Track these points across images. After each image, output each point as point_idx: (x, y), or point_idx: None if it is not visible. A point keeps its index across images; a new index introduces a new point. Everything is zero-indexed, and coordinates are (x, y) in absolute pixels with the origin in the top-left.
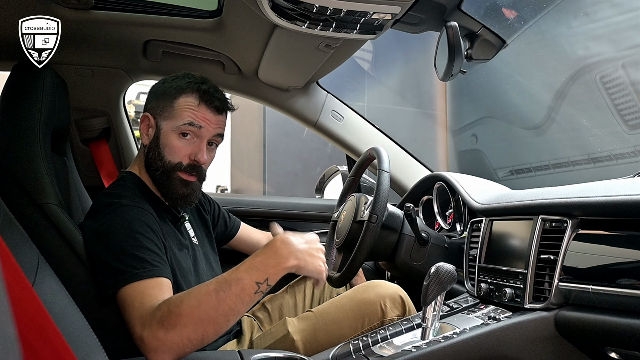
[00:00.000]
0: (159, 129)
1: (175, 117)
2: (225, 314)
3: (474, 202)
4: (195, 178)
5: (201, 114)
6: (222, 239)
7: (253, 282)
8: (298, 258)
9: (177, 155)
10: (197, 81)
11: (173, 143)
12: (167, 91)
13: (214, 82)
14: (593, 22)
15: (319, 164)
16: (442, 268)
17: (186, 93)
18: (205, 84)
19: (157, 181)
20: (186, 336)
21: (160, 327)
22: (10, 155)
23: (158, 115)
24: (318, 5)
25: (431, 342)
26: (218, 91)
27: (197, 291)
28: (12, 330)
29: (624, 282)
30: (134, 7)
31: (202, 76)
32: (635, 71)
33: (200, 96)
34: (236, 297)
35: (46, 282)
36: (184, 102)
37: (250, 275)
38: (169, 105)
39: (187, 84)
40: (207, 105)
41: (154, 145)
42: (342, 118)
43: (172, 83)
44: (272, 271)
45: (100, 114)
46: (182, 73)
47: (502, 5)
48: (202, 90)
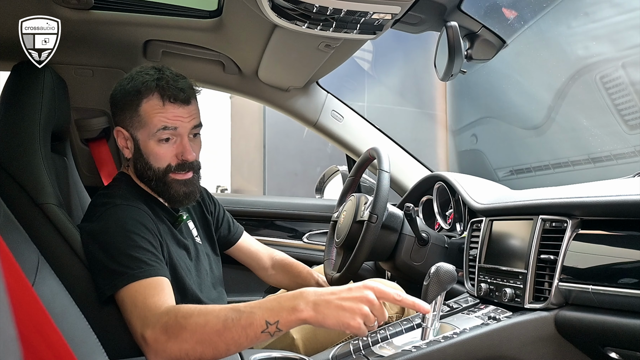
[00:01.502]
0: (136, 140)
1: (146, 124)
2: (226, 343)
3: (474, 202)
4: (191, 173)
5: (170, 113)
6: (224, 242)
7: (263, 320)
8: (317, 311)
9: (164, 160)
10: (152, 77)
11: (155, 151)
12: (126, 98)
13: (214, 82)
14: (593, 22)
15: (319, 164)
16: (442, 268)
17: (146, 96)
18: (162, 78)
19: (156, 190)
20: (185, 351)
21: (164, 333)
22: (10, 155)
23: (129, 126)
24: (318, 5)
25: (431, 342)
26: (178, 80)
27: (208, 310)
28: (12, 330)
29: (624, 282)
30: (134, 7)
31: (154, 67)
32: (635, 71)
33: (161, 94)
34: (242, 330)
35: (46, 282)
36: (148, 106)
37: (262, 312)
38: (135, 114)
39: (143, 85)
40: (173, 102)
41: (138, 156)
42: (342, 118)
43: (127, 87)
44: (285, 315)
45: (100, 114)
46: (134, 71)
47: (502, 5)
48: (161, 86)
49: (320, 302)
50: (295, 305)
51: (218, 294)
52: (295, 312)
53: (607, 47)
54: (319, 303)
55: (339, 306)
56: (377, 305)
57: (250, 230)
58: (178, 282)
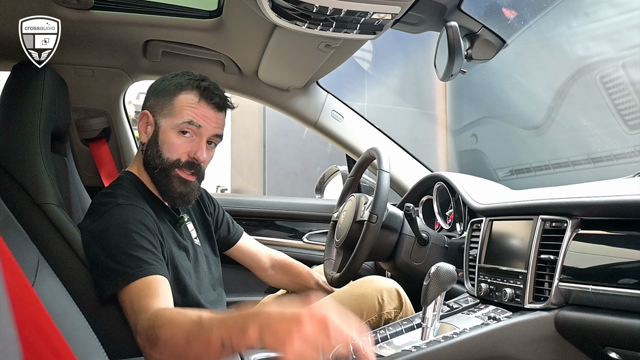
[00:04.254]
0: (158, 126)
1: (175, 114)
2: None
3: (474, 202)
4: (194, 177)
5: (201, 111)
6: (223, 243)
7: (219, 338)
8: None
9: (176, 152)
10: (197, 78)
11: (172, 140)
12: (166, 88)
13: (214, 82)
14: (593, 22)
15: (319, 164)
16: (442, 268)
17: (186, 90)
18: (205, 81)
19: (156, 179)
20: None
21: (147, 340)
22: (10, 155)
23: (157, 112)
24: (318, 5)
25: (431, 342)
26: (218, 88)
27: (179, 322)
28: (12, 330)
29: (624, 282)
30: (134, 7)
31: (201, 74)
32: (635, 71)
33: (200, 93)
34: (202, 347)
35: (46, 282)
36: (184, 99)
37: (219, 330)
38: (169, 103)
39: (187, 81)
40: (208, 102)
41: (152, 142)
42: (342, 118)
43: (171, 80)
44: (236, 334)
45: (100, 114)
46: (181, 71)
47: (502, 5)
48: (202, 87)
49: (273, 321)
50: (245, 324)
51: (217, 294)
52: (245, 331)
53: (607, 47)
54: (270, 323)
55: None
56: None
57: (250, 231)
58: (179, 283)
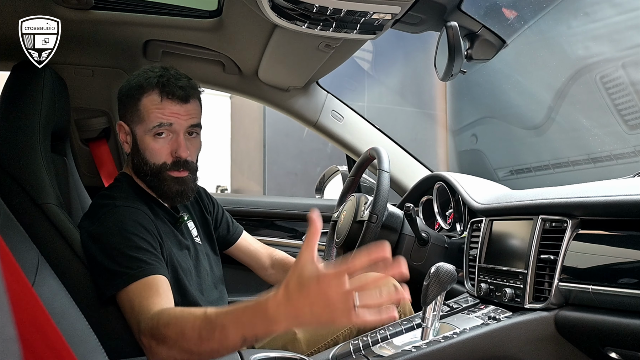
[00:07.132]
0: (135, 134)
1: (144, 120)
2: (208, 353)
3: (474, 202)
4: (186, 172)
5: (167, 110)
6: (223, 242)
7: (239, 336)
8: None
9: (159, 156)
10: (156, 75)
11: (151, 146)
12: (129, 94)
13: (214, 82)
14: (593, 22)
15: (319, 164)
16: (442, 268)
17: (147, 92)
18: (165, 75)
19: (150, 184)
20: (173, 356)
21: (152, 338)
22: (10, 155)
23: (130, 121)
24: (318, 5)
25: (431, 342)
26: (180, 78)
27: (185, 319)
28: (12, 330)
29: (624, 282)
30: (134, 7)
31: (162, 66)
32: (635, 71)
33: (160, 91)
34: (219, 344)
35: (46, 282)
36: (148, 101)
37: (237, 329)
38: (135, 109)
39: (146, 81)
40: (171, 99)
41: (135, 151)
42: (342, 118)
43: (132, 83)
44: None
45: (100, 114)
46: (141, 69)
47: (502, 5)
48: (162, 83)
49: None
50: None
51: (219, 293)
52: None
53: (607, 47)
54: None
55: (316, 303)
56: None
57: (250, 230)
58: (178, 283)
